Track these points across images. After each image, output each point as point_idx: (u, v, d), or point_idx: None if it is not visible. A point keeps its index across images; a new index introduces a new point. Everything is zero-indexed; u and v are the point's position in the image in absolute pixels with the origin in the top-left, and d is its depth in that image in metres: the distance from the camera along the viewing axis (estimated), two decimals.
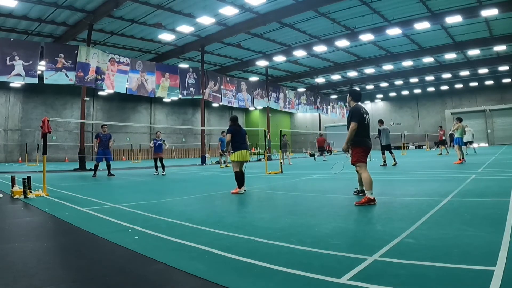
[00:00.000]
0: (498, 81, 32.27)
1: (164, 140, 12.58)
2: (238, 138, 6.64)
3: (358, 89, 5.37)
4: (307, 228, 3.55)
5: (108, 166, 11.97)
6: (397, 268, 2.28)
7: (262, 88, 26.57)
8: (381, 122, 12.98)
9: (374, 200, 4.66)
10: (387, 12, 17.29)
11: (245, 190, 6.59)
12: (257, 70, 28.63)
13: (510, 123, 32.29)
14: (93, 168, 12.27)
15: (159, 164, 12.28)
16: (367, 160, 5.12)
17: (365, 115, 5.04)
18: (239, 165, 6.59)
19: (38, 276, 2.34)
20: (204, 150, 22.05)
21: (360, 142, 4.97)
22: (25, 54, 13.94)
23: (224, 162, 16.79)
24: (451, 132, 14.52)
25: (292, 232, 3.38)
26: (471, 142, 18.41)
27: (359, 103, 5.20)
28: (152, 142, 12.52)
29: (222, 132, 16.56)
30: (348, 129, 5.02)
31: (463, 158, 11.89)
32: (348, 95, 5.31)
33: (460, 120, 12.44)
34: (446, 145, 21.40)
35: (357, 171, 5.17)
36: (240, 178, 6.51)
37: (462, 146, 12.30)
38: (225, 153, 15.80)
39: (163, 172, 12.06)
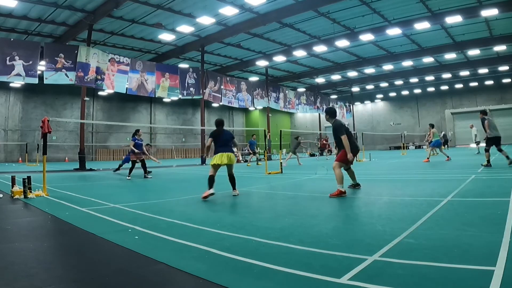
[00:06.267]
0: (498, 81, 32.27)
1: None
2: (217, 141, 6.12)
3: (332, 107, 6.36)
4: (307, 228, 3.55)
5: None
6: (397, 268, 2.28)
7: (262, 88, 26.56)
8: (484, 113, 10.21)
9: (344, 192, 5.60)
10: (387, 12, 17.29)
11: (211, 194, 5.80)
12: (257, 70, 28.62)
13: (510, 123, 32.27)
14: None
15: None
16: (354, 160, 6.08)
17: (347, 125, 6.30)
18: (215, 169, 6.04)
19: (38, 276, 2.34)
20: (204, 150, 22.03)
21: (351, 148, 5.88)
22: (25, 54, 13.93)
23: (251, 160, 18.77)
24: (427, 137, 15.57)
25: (292, 232, 3.38)
26: (478, 142, 18.49)
27: (336, 118, 6.16)
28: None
29: (253, 135, 19.48)
30: (335, 140, 6.07)
31: (429, 158, 13.78)
32: (325, 114, 6.24)
33: (432, 126, 14.47)
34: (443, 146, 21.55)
35: (343, 169, 6.02)
36: (211, 180, 5.86)
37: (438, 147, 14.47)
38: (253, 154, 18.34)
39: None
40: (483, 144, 19.10)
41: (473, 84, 33.36)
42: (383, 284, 2.01)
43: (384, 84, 36.24)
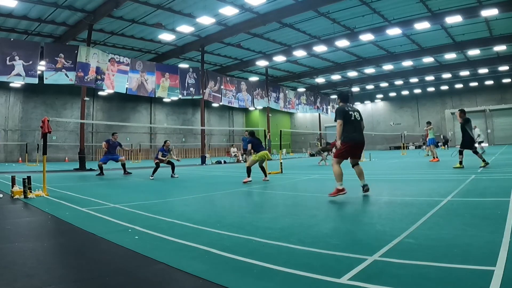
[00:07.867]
0: (498, 81, 32.30)
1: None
2: (254, 145, 9.01)
3: (345, 91, 5.83)
4: (307, 228, 3.55)
5: (123, 165, 12.25)
6: (397, 268, 2.28)
7: (262, 88, 26.57)
8: (464, 112, 10.13)
9: (343, 190, 5.22)
10: (387, 12, 17.29)
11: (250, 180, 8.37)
12: (257, 70, 28.63)
13: (510, 123, 32.30)
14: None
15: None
16: (363, 159, 5.32)
17: (350, 112, 5.43)
18: (257, 162, 8.76)
19: (38, 276, 2.34)
20: (204, 150, 22.04)
21: (345, 138, 5.38)
22: (25, 54, 13.93)
23: (245, 160, 18.94)
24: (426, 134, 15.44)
25: (292, 232, 3.38)
26: (480, 142, 18.56)
27: (348, 103, 5.67)
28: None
29: (246, 132, 18.98)
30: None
31: (437, 157, 13.52)
32: (337, 97, 5.90)
33: (429, 123, 14.55)
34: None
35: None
36: (249, 171, 8.56)
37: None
38: (246, 154, 18.54)
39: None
40: (484, 144, 19.19)
41: (473, 84, 33.39)
42: (383, 284, 2.01)
43: (384, 84, 36.25)
